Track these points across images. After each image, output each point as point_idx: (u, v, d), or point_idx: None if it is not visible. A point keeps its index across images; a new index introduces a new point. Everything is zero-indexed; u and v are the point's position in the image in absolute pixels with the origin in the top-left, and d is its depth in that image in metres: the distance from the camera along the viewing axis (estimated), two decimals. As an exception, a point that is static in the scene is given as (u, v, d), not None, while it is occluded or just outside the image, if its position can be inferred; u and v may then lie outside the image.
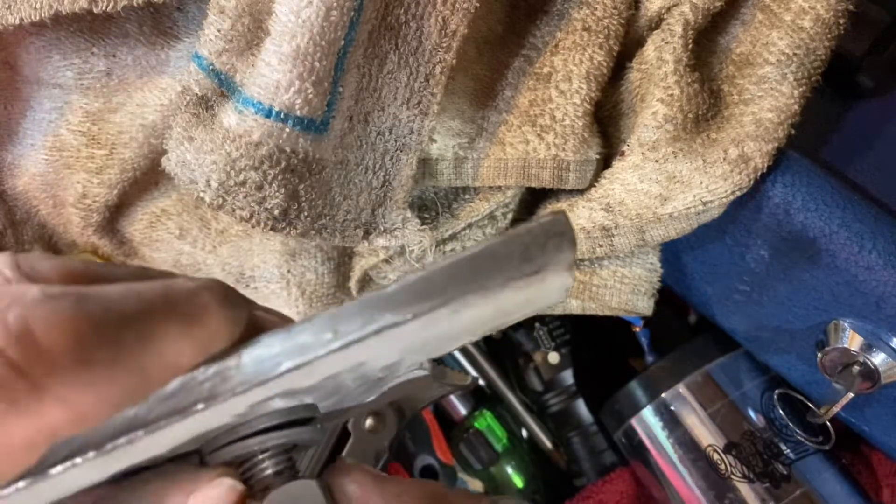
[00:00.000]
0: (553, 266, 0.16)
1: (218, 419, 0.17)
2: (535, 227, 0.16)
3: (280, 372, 0.15)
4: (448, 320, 0.16)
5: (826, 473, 0.45)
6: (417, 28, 0.35)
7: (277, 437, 0.19)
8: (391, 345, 0.17)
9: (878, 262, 0.37)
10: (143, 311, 0.14)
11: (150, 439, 0.15)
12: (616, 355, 0.58)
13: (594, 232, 0.39)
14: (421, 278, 0.15)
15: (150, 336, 0.14)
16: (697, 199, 0.36)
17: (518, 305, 0.18)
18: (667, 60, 0.37)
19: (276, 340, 0.16)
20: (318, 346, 0.15)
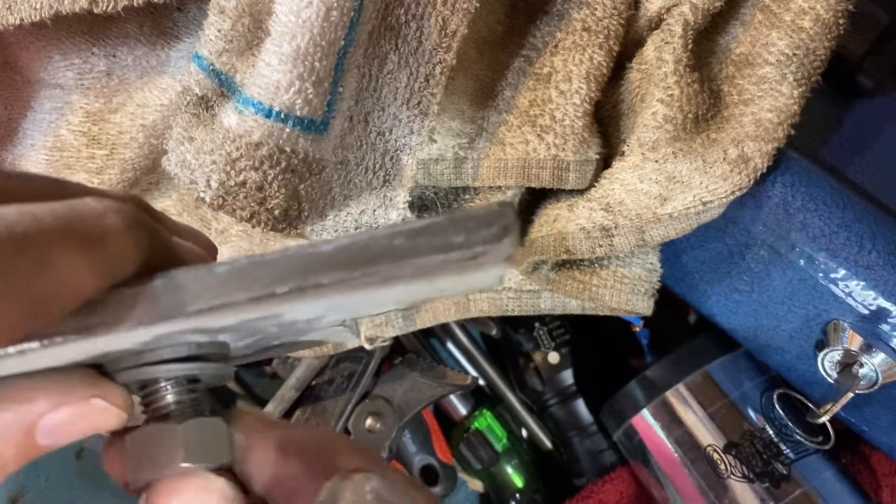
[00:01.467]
0: (491, 255, 0.15)
1: (119, 344, 0.17)
2: (480, 213, 0.15)
3: (189, 311, 0.15)
4: (376, 290, 0.16)
5: (826, 473, 0.45)
6: (417, 28, 0.35)
7: (182, 368, 0.19)
8: (313, 303, 0.16)
9: (878, 262, 0.37)
10: (39, 234, 0.13)
11: (45, 353, 0.15)
12: (616, 355, 0.58)
13: (594, 232, 0.39)
14: (355, 244, 0.15)
15: (45, 261, 0.13)
16: (697, 199, 0.36)
17: (451, 286, 0.18)
18: (667, 60, 0.37)
19: (190, 278, 0.15)
20: (233, 292, 0.15)
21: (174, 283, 0.15)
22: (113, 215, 0.15)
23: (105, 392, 0.17)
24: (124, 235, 0.15)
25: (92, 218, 0.14)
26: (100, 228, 0.14)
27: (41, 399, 0.16)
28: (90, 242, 0.14)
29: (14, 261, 0.13)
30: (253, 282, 0.15)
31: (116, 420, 0.17)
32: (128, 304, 0.15)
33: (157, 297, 0.15)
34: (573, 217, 0.39)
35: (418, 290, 0.18)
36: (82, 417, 0.17)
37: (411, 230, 0.15)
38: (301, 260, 0.15)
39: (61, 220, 0.14)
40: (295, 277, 0.15)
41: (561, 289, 0.43)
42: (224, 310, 0.15)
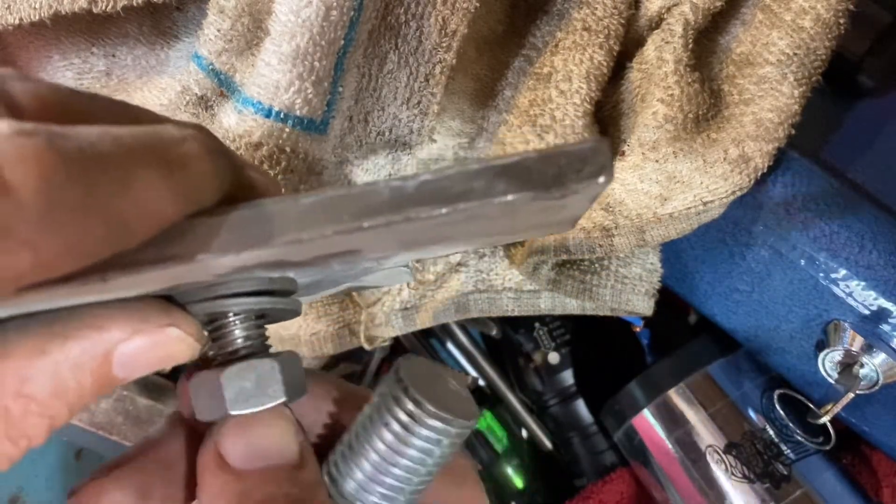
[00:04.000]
0: (581, 195, 0.15)
1: (196, 276, 0.16)
2: (574, 150, 0.14)
3: (277, 241, 0.14)
4: (459, 225, 0.15)
5: (826, 473, 0.45)
6: (417, 28, 0.35)
7: (252, 302, 0.19)
8: (394, 238, 0.16)
9: (878, 262, 0.37)
10: (121, 155, 0.13)
11: (125, 280, 0.14)
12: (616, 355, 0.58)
13: (594, 232, 0.39)
14: (442, 178, 0.14)
15: (128, 182, 0.13)
16: (698, 199, 0.36)
17: (528, 224, 0.17)
18: (667, 60, 0.37)
19: (278, 208, 0.15)
20: (321, 224, 0.14)
21: (261, 213, 0.15)
22: (193, 141, 0.15)
23: (179, 321, 0.17)
24: (205, 162, 0.15)
25: (173, 142, 0.14)
26: (182, 153, 0.14)
27: (117, 327, 0.16)
28: (172, 167, 0.14)
29: (97, 179, 0.12)
30: (341, 214, 0.14)
31: (190, 351, 0.18)
32: (212, 233, 0.15)
33: (244, 226, 0.15)
34: (573, 217, 0.39)
35: (496, 228, 0.17)
36: (157, 346, 0.17)
37: (501, 166, 0.14)
38: (388, 194, 0.14)
39: (143, 143, 0.14)
40: (383, 211, 0.14)
41: (561, 289, 0.43)
42: (310, 242, 0.15)
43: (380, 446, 0.19)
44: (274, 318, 0.20)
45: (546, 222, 0.17)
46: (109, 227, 0.13)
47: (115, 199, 0.13)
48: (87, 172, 0.12)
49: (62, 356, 0.16)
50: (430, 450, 0.19)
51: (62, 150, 0.12)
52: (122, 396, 0.57)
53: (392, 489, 0.19)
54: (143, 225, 0.14)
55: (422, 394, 0.18)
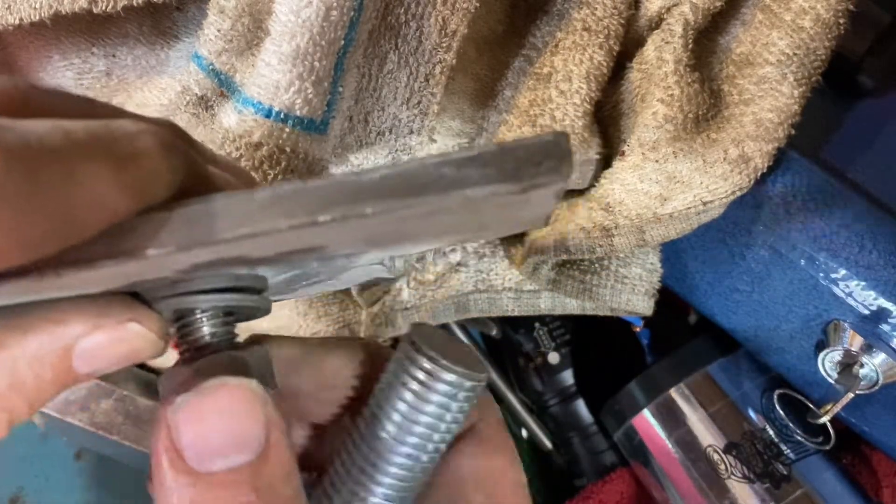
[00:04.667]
0: (542, 189, 0.15)
1: (155, 272, 0.16)
2: (533, 143, 0.14)
3: (226, 237, 0.14)
4: (421, 220, 0.15)
5: (826, 474, 0.45)
6: (417, 28, 0.35)
7: (218, 299, 0.18)
8: (355, 233, 0.16)
9: (879, 262, 0.37)
10: (69, 149, 0.13)
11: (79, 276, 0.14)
12: (616, 355, 0.58)
13: (594, 232, 0.39)
14: (402, 173, 0.14)
15: (74, 176, 0.13)
16: (697, 199, 0.36)
17: (495, 221, 0.18)
18: (667, 60, 0.37)
19: (229, 203, 0.14)
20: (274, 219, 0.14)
21: (211, 208, 0.14)
22: (148, 136, 0.15)
23: (141, 317, 0.17)
24: (158, 157, 0.15)
25: (125, 137, 0.14)
26: (133, 147, 0.14)
27: (76, 322, 0.16)
28: (122, 161, 0.14)
29: (42, 172, 0.12)
30: (295, 209, 0.14)
31: (152, 347, 0.17)
32: (159, 228, 0.14)
33: (191, 221, 0.14)
34: (573, 217, 0.39)
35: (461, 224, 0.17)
36: (118, 342, 0.17)
37: (460, 159, 0.14)
38: (345, 187, 0.14)
39: (94, 137, 0.14)
40: (338, 206, 0.14)
41: (561, 289, 0.43)
42: (263, 237, 0.14)
43: (401, 406, 0.20)
44: (242, 315, 0.20)
45: (514, 219, 0.17)
46: (55, 221, 0.13)
47: (61, 193, 0.13)
48: (31, 166, 0.12)
49: (20, 350, 0.15)
50: (446, 404, 0.20)
51: (4, 142, 0.12)
52: (122, 396, 0.57)
53: (415, 448, 0.20)
54: (90, 219, 0.13)
55: (435, 352, 0.19)
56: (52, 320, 0.16)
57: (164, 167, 0.15)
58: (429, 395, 0.20)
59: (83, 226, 0.13)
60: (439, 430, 0.20)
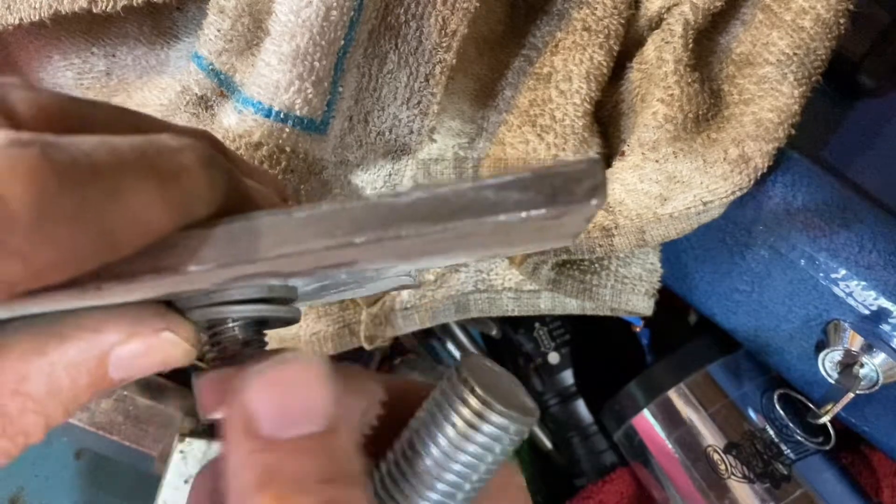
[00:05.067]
0: (576, 214, 0.15)
1: (191, 285, 0.17)
2: (568, 170, 0.15)
3: (266, 256, 0.15)
4: (453, 242, 0.16)
5: (826, 474, 0.45)
6: (417, 28, 0.35)
7: (252, 310, 0.19)
8: (389, 252, 0.16)
9: (878, 262, 0.37)
10: (115, 166, 0.13)
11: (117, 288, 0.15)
12: (616, 355, 0.58)
13: (594, 232, 0.39)
14: (437, 197, 0.14)
15: (120, 193, 0.13)
16: (698, 199, 0.36)
17: (524, 242, 0.18)
18: (667, 60, 0.37)
19: (268, 223, 0.15)
20: (311, 239, 0.15)
21: (251, 227, 0.15)
22: (190, 153, 0.15)
23: (175, 326, 0.17)
24: (200, 174, 0.15)
25: (169, 153, 0.14)
26: (176, 164, 0.14)
27: (112, 330, 0.16)
28: (165, 178, 0.14)
29: (89, 190, 0.13)
30: (333, 229, 0.15)
31: (185, 355, 0.18)
32: (202, 245, 0.15)
33: (233, 240, 0.15)
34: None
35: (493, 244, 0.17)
36: (152, 350, 0.17)
37: (496, 185, 0.14)
38: (380, 210, 0.14)
39: (138, 153, 0.14)
40: (374, 229, 0.14)
41: (561, 289, 0.43)
42: (301, 256, 0.15)
43: (442, 443, 0.19)
44: (273, 324, 0.21)
45: (543, 238, 0.18)
46: (100, 237, 0.13)
47: (107, 210, 0.13)
48: (80, 183, 0.13)
49: (58, 356, 0.16)
50: (491, 446, 0.19)
51: (56, 161, 0.12)
52: (122, 397, 0.57)
53: (452, 486, 0.19)
54: (133, 236, 0.14)
55: (487, 392, 0.19)
56: (90, 328, 0.16)
57: (206, 183, 0.15)
58: (475, 436, 0.19)
59: (127, 242, 0.14)
60: (479, 470, 0.19)
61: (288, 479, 0.15)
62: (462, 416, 0.19)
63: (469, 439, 0.19)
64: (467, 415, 0.19)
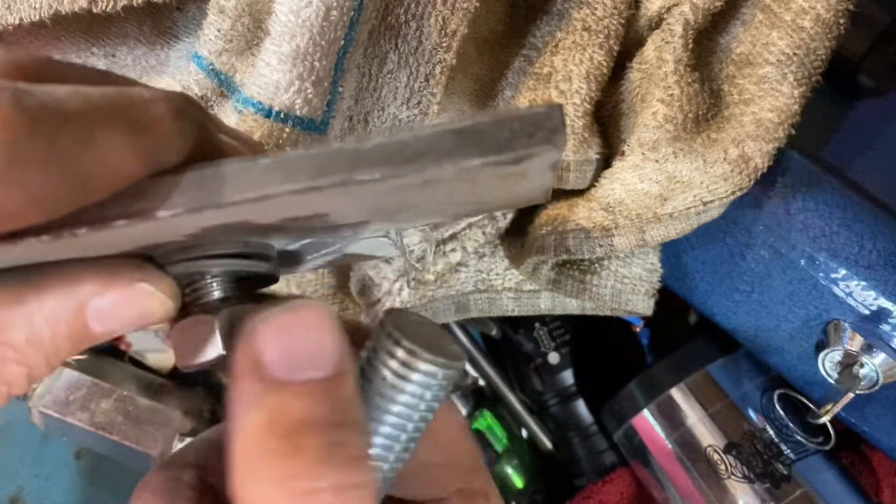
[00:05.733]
0: (536, 159, 0.15)
1: (165, 235, 0.17)
2: (527, 114, 0.15)
3: (230, 201, 0.15)
4: (419, 191, 0.16)
5: (826, 474, 0.45)
6: (417, 28, 0.35)
7: (227, 263, 0.19)
8: (355, 201, 0.16)
9: (879, 262, 0.37)
10: (87, 113, 0.14)
11: (92, 238, 0.15)
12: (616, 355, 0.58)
13: (594, 232, 0.39)
14: (398, 141, 0.15)
15: (91, 139, 0.14)
16: (698, 199, 0.36)
17: (494, 195, 0.18)
18: (667, 60, 0.37)
19: (233, 168, 0.15)
20: (275, 184, 0.15)
21: (218, 173, 0.15)
22: (161, 103, 0.15)
23: (151, 278, 0.18)
24: (171, 123, 0.15)
25: (141, 103, 0.15)
26: (147, 113, 0.15)
27: (89, 281, 0.17)
28: (137, 126, 0.15)
29: (60, 135, 0.13)
30: (296, 174, 0.15)
31: (162, 308, 0.18)
32: (169, 190, 0.15)
33: (201, 185, 0.15)
34: (573, 217, 0.39)
35: (461, 197, 0.17)
36: (130, 302, 0.17)
37: (454, 129, 0.15)
38: (343, 155, 0.15)
39: (109, 102, 0.14)
40: (337, 172, 0.15)
41: (561, 289, 0.43)
42: (266, 202, 0.15)
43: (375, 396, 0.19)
44: (251, 282, 0.21)
45: (512, 192, 0.18)
46: (71, 182, 0.13)
47: (78, 155, 0.13)
48: (52, 128, 0.13)
49: (36, 306, 0.16)
50: (422, 393, 0.19)
51: (27, 106, 0.13)
52: (122, 396, 0.57)
53: (390, 437, 0.20)
54: (104, 181, 0.14)
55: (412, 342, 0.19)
56: (67, 279, 0.17)
57: (176, 132, 0.16)
58: (405, 386, 0.19)
59: (98, 187, 0.14)
60: (414, 418, 0.20)
61: (294, 421, 0.16)
62: (390, 368, 0.19)
63: (400, 390, 0.19)
64: (395, 366, 0.19)
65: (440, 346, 0.20)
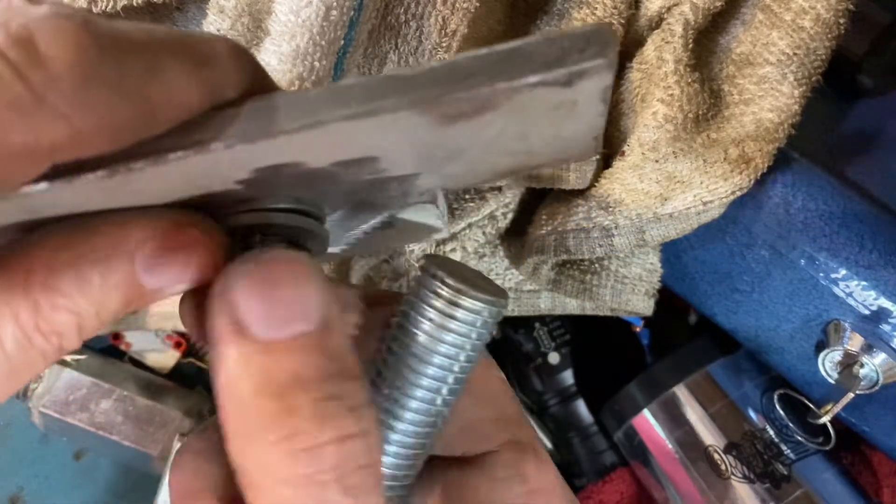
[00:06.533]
0: (588, 82, 0.15)
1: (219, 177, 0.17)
2: (577, 32, 0.14)
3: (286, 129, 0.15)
4: (469, 126, 0.16)
5: (826, 474, 0.45)
6: (417, 28, 0.35)
7: (279, 217, 0.19)
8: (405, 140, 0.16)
9: (879, 262, 0.37)
10: (152, 44, 0.14)
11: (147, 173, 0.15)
12: (616, 355, 0.58)
13: (594, 232, 0.39)
14: (449, 64, 0.15)
15: (157, 68, 0.14)
16: (698, 199, 0.36)
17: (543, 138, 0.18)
18: (667, 60, 0.37)
19: (287, 98, 0.15)
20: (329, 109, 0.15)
21: (270, 103, 0.15)
22: (221, 42, 0.16)
23: (202, 225, 0.17)
24: (230, 59, 0.16)
25: (202, 39, 0.15)
26: (209, 48, 0.15)
27: (138, 226, 0.16)
28: (199, 59, 0.15)
29: (129, 62, 0.14)
30: (349, 100, 0.15)
31: (213, 258, 0.17)
32: (224, 122, 0.15)
33: (255, 116, 0.15)
34: (573, 217, 0.39)
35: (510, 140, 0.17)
36: (180, 249, 0.17)
37: (505, 50, 0.15)
38: (397, 80, 0.15)
39: (173, 37, 0.15)
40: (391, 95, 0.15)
41: (561, 289, 0.43)
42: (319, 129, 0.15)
43: (421, 338, 0.19)
44: (302, 241, 0.20)
45: (562, 135, 0.17)
46: (138, 109, 0.14)
47: (145, 84, 0.14)
48: (120, 54, 0.13)
49: (86, 249, 0.16)
50: (468, 332, 0.19)
51: (97, 31, 0.13)
52: (122, 397, 0.57)
53: (436, 378, 0.19)
54: (168, 111, 0.14)
55: (457, 280, 0.19)
56: (116, 224, 0.16)
57: (235, 69, 0.16)
58: (451, 324, 0.19)
59: (161, 117, 0.14)
60: (460, 359, 0.19)
61: (286, 380, 0.15)
62: (436, 308, 0.19)
63: (446, 329, 0.19)
64: (441, 306, 0.19)
65: (482, 286, 0.20)
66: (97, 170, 0.14)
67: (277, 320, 0.15)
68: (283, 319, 0.16)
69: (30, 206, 0.15)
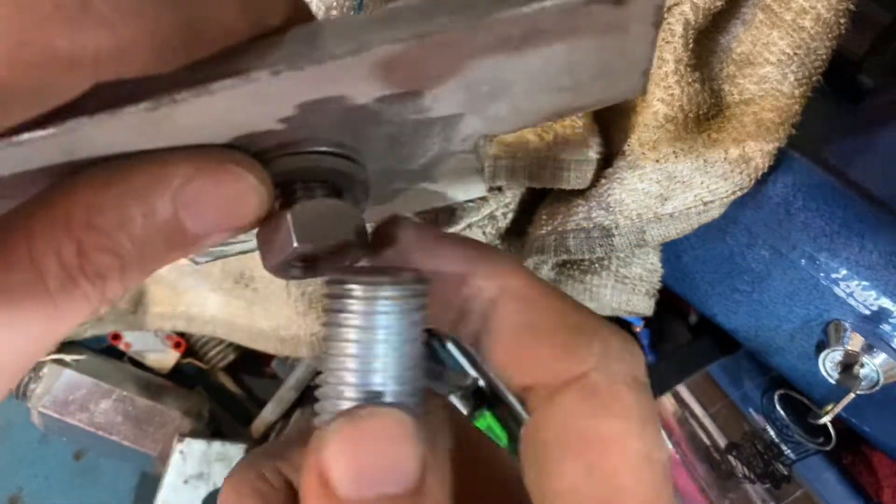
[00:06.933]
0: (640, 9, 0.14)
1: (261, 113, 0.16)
2: None
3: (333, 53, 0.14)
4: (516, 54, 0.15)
5: (827, 474, 0.45)
6: None
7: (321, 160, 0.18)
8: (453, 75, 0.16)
9: (879, 262, 0.37)
10: None
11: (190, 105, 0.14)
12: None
13: (594, 232, 0.39)
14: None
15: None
16: (698, 198, 0.36)
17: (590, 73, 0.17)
18: (667, 60, 0.37)
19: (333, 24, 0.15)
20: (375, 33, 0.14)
21: (316, 30, 0.15)
22: None
23: (241, 160, 0.16)
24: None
25: None
26: None
27: (179, 165, 0.16)
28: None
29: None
30: (398, 24, 0.14)
31: (257, 196, 0.16)
32: (271, 49, 0.15)
33: (299, 42, 0.15)
34: (573, 216, 0.39)
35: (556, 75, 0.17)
36: (221, 186, 0.16)
37: None
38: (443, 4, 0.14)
39: None
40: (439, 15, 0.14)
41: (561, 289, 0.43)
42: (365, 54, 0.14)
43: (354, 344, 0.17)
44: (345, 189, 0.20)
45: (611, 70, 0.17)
46: (184, 23, 0.13)
47: (193, 5, 0.13)
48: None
49: (127, 186, 0.15)
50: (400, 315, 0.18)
51: None
52: (122, 397, 0.57)
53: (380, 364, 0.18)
54: (213, 34, 0.14)
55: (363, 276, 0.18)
56: (157, 163, 0.16)
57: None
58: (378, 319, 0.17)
59: (206, 40, 0.14)
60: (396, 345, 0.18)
61: None
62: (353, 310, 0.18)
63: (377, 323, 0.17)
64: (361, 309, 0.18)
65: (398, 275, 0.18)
66: (138, 102, 0.14)
67: (365, 481, 0.15)
68: (373, 480, 0.15)
69: (70, 146, 0.15)
